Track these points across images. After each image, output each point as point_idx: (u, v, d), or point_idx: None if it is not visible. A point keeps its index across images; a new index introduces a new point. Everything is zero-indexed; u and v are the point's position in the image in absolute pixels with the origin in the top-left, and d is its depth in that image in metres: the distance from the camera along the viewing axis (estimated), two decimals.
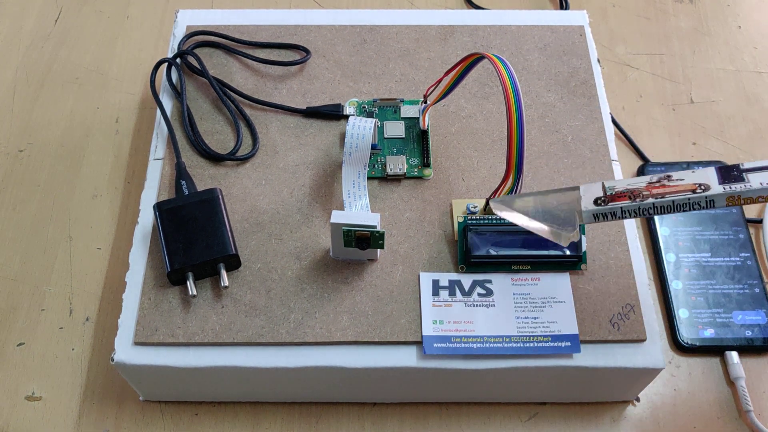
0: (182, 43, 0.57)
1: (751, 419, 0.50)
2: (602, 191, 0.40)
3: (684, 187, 0.38)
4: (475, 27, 0.59)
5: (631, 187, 0.40)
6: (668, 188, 0.39)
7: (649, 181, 0.39)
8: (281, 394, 0.50)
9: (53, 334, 0.53)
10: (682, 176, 0.39)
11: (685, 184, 0.38)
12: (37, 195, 0.60)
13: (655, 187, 0.39)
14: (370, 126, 0.49)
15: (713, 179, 0.38)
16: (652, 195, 0.39)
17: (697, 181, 0.38)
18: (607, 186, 0.41)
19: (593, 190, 0.41)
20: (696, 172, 0.39)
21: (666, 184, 0.39)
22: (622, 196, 0.39)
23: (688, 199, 0.38)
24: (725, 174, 0.38)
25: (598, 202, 0.40)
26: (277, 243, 0.49)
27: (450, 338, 0.45)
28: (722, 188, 0.37)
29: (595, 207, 0.40)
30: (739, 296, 0.54)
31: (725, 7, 0.73)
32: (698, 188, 0.38)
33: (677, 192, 0.38)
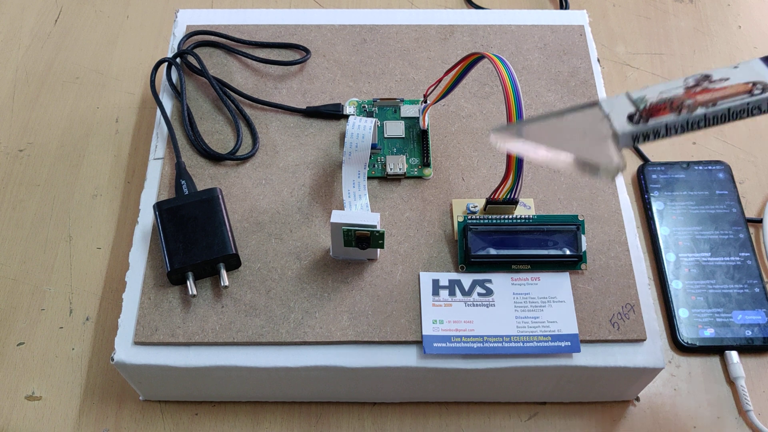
0: (182, 43, 0.57)
1: (751, 419, 0.50)
2: (632, 105, 0.33)
3: (736, 89, 0.32)
4: (475, 27, 0.59)
5: (667, 96, 0.33)
6: (716, 92, 0.32)
7: (686, 86, 0.33)
8: (281, 393, 0.50)
9: (53, 334, 0.53)
10: (726, 74, 0.32)
11: (736, 84, 0.32)
12: (37, 195, 0.60)
13: (697, 92, 0.32)
14: (370, 126, 0.49)
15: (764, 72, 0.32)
16: (699, 103, 0.32)
17: (748, 78, 0.32)
18: (635, 98, 0.34)
19: (620, 106, 0.34)
20: (739, 68, 0.32)
21: (710, 87, 0.32)
22: (662, 109, 0.33)
23: (747, 103, 0.31)
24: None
25: (634, 119, 0.33)
26: (277, 243, 0.49)
27: (450, 338, 0.45)
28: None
29: (634, 126, 0.33)
30: (739, 296, 0.54)
31: (725, 6, 0.73)
32: (754, 87, 0.31)
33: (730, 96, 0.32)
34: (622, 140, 0.33)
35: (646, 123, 0.32)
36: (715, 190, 0.59)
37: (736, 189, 0.59)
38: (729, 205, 0.58)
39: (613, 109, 0.34)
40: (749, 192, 0.60)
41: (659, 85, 0.34)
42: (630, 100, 0.34)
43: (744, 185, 0.60)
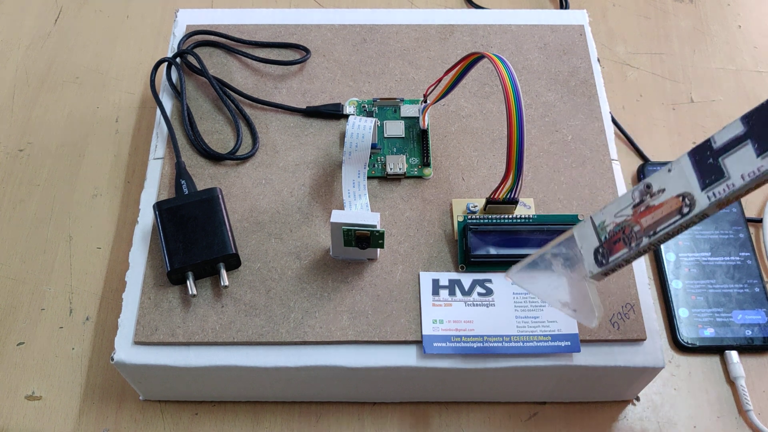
0: (182, 43, 0.57)
1: (751, 418, 0.50)
2: (596, 237, 0.39)
3: (670, 207, 0.37)
4: (475, 26, 0.59)
5: (620, 220, 0.38)
6: (655, 212, 0.37)
7: (634, 204, 0.38)
8: (281, 393, 0.50)
9: (53, 334, 0.53)
10: (662, 183, 0.37)
11: (670, 200, 0.37)
12: (37, 194, 0.60)
13: (642, 214, 0.38)
14: (370, 125, 0.49)
15: (693, 180, 0.36)
16: (644, 230, 0.37)
17: (678, 190, 0.36)
18: (597, 224, 0.39)
19: (588, 238, 0.40)
20: (672, 171, 0.37)
21: (651, 204, 0.37)
22: (618, 243, 0.38)
23: (680, 225, 0.36)
24: (702, 168, 0.36)
25: (599, 258, 0.39)
26: (277, 242, 0.49)
27: (450, 337, 0.45)
28: (707, 198, 0.35)
29: (600, 268, 0.39)
30: (739, 296, 0.54)
31: (725, 6, 0.73)
32: (683, 204, 0.36)
33: (665, 217, 0.37)
34: (596, 278, 0.40)
35: (608, 262, 0.39)
36: None
37: None
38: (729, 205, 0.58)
39: (583, 242, 0.40)
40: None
41: (614, 204, 0.39)
42: (594, 228, 0.40)
43: None
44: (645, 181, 0.38)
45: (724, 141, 0.35)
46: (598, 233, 0.39)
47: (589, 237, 0.40)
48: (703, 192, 0.36)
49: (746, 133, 0.34)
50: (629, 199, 0.38)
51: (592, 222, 0.40)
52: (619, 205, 0.39)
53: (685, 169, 0.36)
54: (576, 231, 0.41)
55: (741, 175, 0.34)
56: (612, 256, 0.39)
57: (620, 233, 0.38)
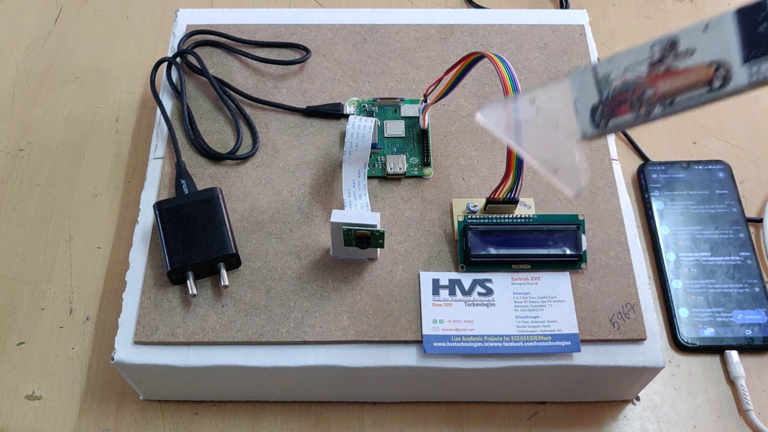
0: (182, 43, 0.57)
1: (751, 418, 0.50)
2: (596, 90, 0.33)
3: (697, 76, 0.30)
4: (475, 26, 0.59)
5: (630, 78, 0.32)
6: (677, 78, 0.31)
7: (651, 62, 0.31)
8: (281, 393, 0.50)
9: (53, 334, 0.53)
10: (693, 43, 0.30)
11: (698, 68, 0.30)
12: (37, 194, 0.60)
13: (659, 75, 0.31)
14: (370, 125, 0.49)
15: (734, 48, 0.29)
16: (658, 97, 0.31)
17: (713, 56, 0.29)
18: (600, 76, 0.33)
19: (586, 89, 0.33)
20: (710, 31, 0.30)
21: (673, 67, 0.31)
22: (623, 103, 0.32)
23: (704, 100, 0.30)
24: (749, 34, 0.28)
25: (596, 117, 0.33)
26: (277, 242, 0.49)
27: (450, 337, 0.45)
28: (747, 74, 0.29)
29: (596, 129, 0.33)
30: (739, 295, 0.54)
31: (725, 6, 0.73)
32: (716, 75, 0.29)
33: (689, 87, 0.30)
34: (584, 139, 0.34)
35: (606, 126, 0.33)
36: (716, 190, 0.59)
37: (736, 188, 0.59)
38: (729, 205, 0.58)
39: (580, 94, 0.34)
40: (749, 191, 0.60)
41: (626, 55, 0.33)
42: (596, 80, 0.33)
43: (744, 185, 0.60)
44: (670, 35, 0.31)
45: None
46: (601, 87, 0.33)
47: (588, 89, 0.34)
48: (744, 66, 0.29)
49: None
50: (646, 53, 0.32)
51: (594, 72, 0.34)
52: (631, 57, 0.33)
53: (727, 31, 0.30)
54: (571, 78, 0.35)
55: None
56: (614, 119, 0.33)
57: (628, 93, 0.32)
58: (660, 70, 0.31)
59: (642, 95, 0.32)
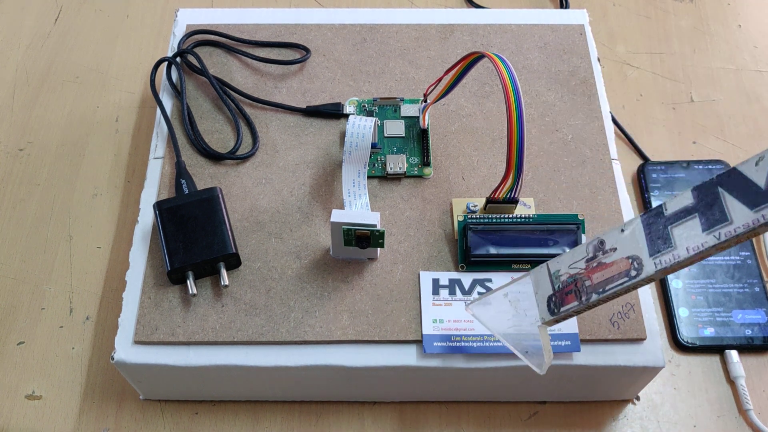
0: (182, 42, 0.57)
1: (751, 418, 0.50)
2: (551, 285, 0.41)
3: (619, 268, 0.38)
4: (475, 26, 0.59)
5: (573, 272, 0.40)
6: (606, 270, 0.38)
7: (587, 258, 0.39)
8: (281, 392, 0.50)
9: (53, 333, 0.53)
10: (615, 242, 0.38)
11: (619, 261, 0.38)
12: (37, 194, 0.60)
13: (594, 270, 0.39)
14: (370, 125, 0.49)
15: (642, 245, 0.37)
16: (594, 286, 0.38)
17: (629, 252, 0.37)
18: (553, 272, 0.41)
19: (544, 284, 0.41)
20: (626, 233, 0.38)
21: (602, 262, 0.38)
22: (570, 294, 0.39)
23: (627, 286, 0.37)
24: (652, 234, 0.37)
25: (551, 306, 0.40)
26: (277, 242, 0.49)
27: (450, 337, 0.45)
28: (654, 265, 0.36)
29: (552, 316, 0.40)
30: (739, 295, 0.54)
31: (725, 5, 0.73)
32: (632, 266, 0.37)
33: (614, 277, 0.38)
34: (547, 324, 0.41)
35: (559, 312, 0.40)
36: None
37: None
38: None
39: (539, 288, 0.41)
40: None
41: (568, 255, 0.40)
42: (549, 276, 0.41)
43: None
44: (599, 237, 0.39)
45: (675, 210, 0.36)
46: (553, 282, 0.41)
47: (545, 284, 0.41)
48: (650, 258, 0.37)
49: (695, 205, 0.35)
50: (583, 253, 0.39)
51: (548, 269, 0.41)
52: (573, 256, 0.40)
53: (637, 232, 0.37)
54: (533, 276, 0.42)
55: (686, 248, 0.35)
56: (563, 307, 0.40)
57: (572, 285, 0.40)
58: (594, 264, 0.39)
59: (582, 285, 0.39)
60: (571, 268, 0.40)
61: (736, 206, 0.34)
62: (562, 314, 0.40)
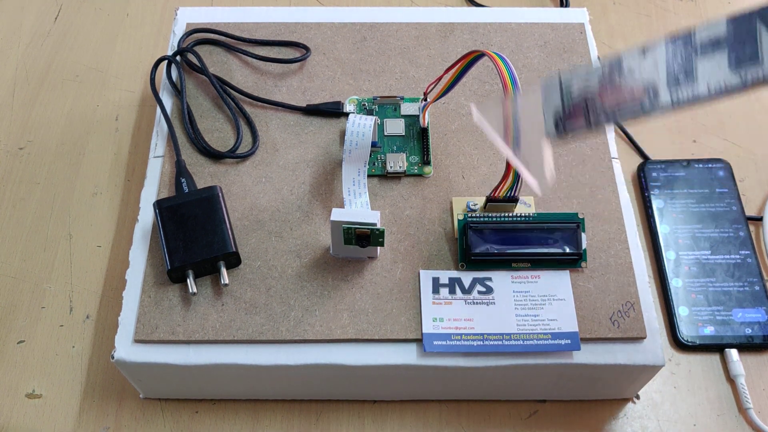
0: (182, 41, 0.57)
1: (751, 417, 0.50)
2: (560, 99, 0.38)
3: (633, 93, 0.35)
4: (475, 24, 0.59)
5: (587, 89, 0.37)
6: (619, 94, 0.36)
7: (601, 79, 0.37)
8: (281, 391, 0.50)
9: (53, 332, 0.53)
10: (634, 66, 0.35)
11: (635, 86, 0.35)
12: (37, 193, 0.60)
13: (606, 92, 0.36)
14: (370, 124, 0.49)
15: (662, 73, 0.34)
16: (605, 108, 0.36)
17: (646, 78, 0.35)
18: (564, 86, 0.38)
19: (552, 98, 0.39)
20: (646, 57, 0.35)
21: (617, 84, 0.36)
22: (579, 114, 0.37)
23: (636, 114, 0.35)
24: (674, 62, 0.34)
25: (558, 123, 0.38)
26: (277, 241, 0.49)
27: (450, 336, 0.45)
28: (669, 97, 0.34)
29: (558, 134, 0.39)
30: (739, 294, 0.54)
31: (726, 4, 0.73)
32: (646, 95, 0.35)
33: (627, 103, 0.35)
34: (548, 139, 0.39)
35: (565, 131, 0.38)
36: (716, 188, 0.59)
37: (736, 187, 0.59)
38: (729, 203, 0.58)
39: (547, 101, 0.39)
40: (749, 190, 0.60)
41: (583, 70, 0.38)
42: (560, 89, 0.38)
43: (744, 183, 0.60)
44: (619, 56, 0.36)
45: (705, 39, 0.33)
46: (563, 95, 0.38)
47: (554, 96, 0.39)
48: (667, 89, 0.34)
49: (727, 36, 0.32)
50: (599, 71, 0.37)
51: (560, 79, 0.39)
52: (588, 71, 0.38)
53: (659, 58, 0.35)
54: (543, 83, 0.39)
55: (707, 84, 0.33)
56: (570, 126, 0.38)
57: (582, 104, 0.37)
58: (608, 85, 0.37)
59: (593, 105, 0.37)
60: (584, 85, 0.38)
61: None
62: (569, 133, 0.38)
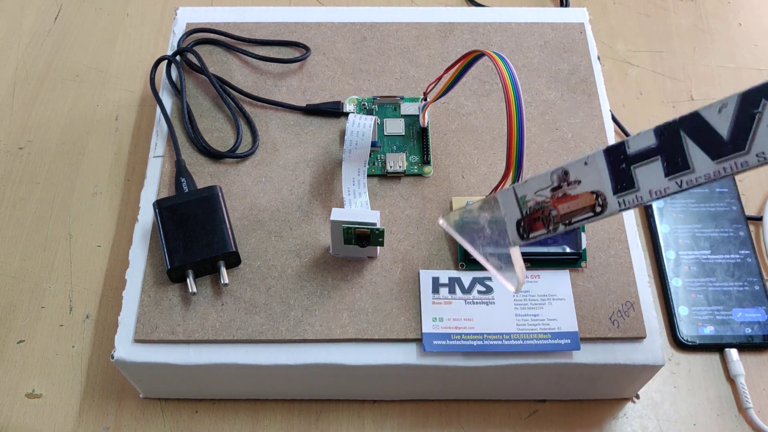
0: (182, 41, 0.57)
1: (751, 416, 0.50)
2: (518, 209, 0.40)
3: (584, 202, 0.37)
4: (475, 24, 0.59)
5: (539, 199, 0.39)
6: (571, 202, 0.38)
7: (552, 187, 0.38)
8: (281, 391, 0.50)
9: (53, 332, 0.53)
10: (579, 174, 0.37)
11: (584, 195, 0.37)
12: (37, 192, 0.60)
13: (559, 200, 0.38)
14: (370, 123, 0.49)
15: (606, 181, 0.36)
16: (560, 217, 0.38)
17: (593, 186, 0.37)
18: (519, 197, 0.40)
19: (511, 207, 0.41)
20: (589, 166, 0.37)
21: (567, 193, 0.38)
22: (537, 221, 0.39)
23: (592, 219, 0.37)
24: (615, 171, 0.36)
25: (520, 230, 0.40)
26: (277, 240, 0.49)
27: (450, 335, 0.45)
28: (618, 204, 0.36)
29: (522, 240, 0.40)
30: (738, 294, 0.54)
31: (725, 4, 0.73)
32: (597, 203, 0.37)
33: (579, 210, 0.37)
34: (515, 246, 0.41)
35: (529, 237, 0.40)
36: (715, 188, 0.59)
37: (736, 187, 0.59)
38: (729, 203, 0.58)
39: (507, 211, 0.41)
40: (749, 190, 0.60)
41: (535, 181, 0.39)
42: (516, 201, 0.40)
43: (744, 183, 0.60)
44: (563, 166, 0.38)
45: (637, 149, 0.35)
46: (520, 206, 0.40)
47: (512, 207, 0.41)
48: (614, 197, 0.36)
49: (657, 147, 0.34)
50: (548, 181, 0.39)
51: (514, 193, 0.40)
52: (539, 183, 0.39)
53: (600, 167, 0.36)
54: (500, 197, 0.41)
55: (649, 191, 0.35)
56: (532, 233, 0.40)
57: (539, 213, 0.39)
58: (559, 194, 0.38)
59: (549, 215, 0.39)
60: (537, 195, 0.39)
61: (699, 155, 0.33)
62: (531, 240, 0.40)
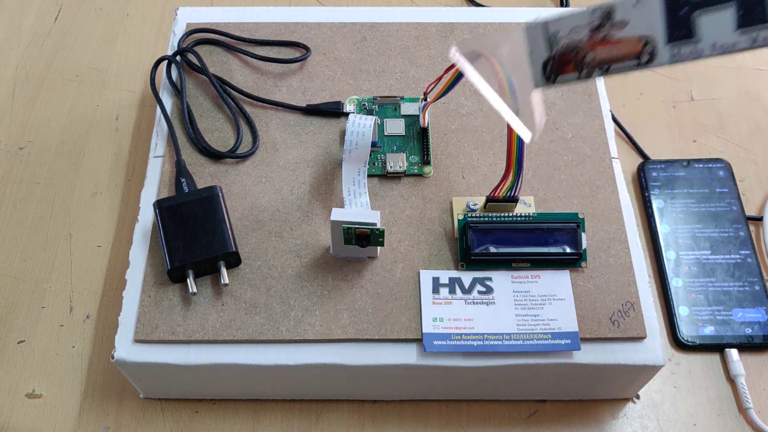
0: (182, 41, 0.57)
1: (751, 416, 0.50)
2: (546, 47, 0.36)
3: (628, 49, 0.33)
4: (475, 24, 0.59)
5: (575, 38, 0.35)
6: (613, 46, 0.33)
7: (592, 27, 0.34)
8: (281, 391, 0.50)
9: (53, 332, 0.53)
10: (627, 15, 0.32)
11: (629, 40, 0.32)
12: (37, 192, 0.60)
13: (599, 43, 0.34)
14: (370, 123, 0.49)
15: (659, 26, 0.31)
16: (597, 62, 0.34)
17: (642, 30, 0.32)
18: (551, 32, 0.35)
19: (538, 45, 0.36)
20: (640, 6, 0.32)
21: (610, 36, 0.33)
22: (569, 64, 0.35)
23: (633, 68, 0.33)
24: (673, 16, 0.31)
25: (547, 71, 0.36)
26: (277, 240, 0.49)
27: (450, 336, 0.45)
28: (669, 54, 0.31)
29: (547, 83, 0.37)
30: (739, 294, 0.54)
31: None
32: (644, 50, 0.32)
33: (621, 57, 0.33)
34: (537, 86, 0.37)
35: (556, 80, 0.36)
36: (716, 188, 0.59)
37: (736, 187, 0.59)
38: (729, 203, 0.58)
39: (533, 48, 0.36)
40: (749, 190, 0.60)
41: (571, 16, 0.35)
42: (546, 36, 0.36)
43: (744, 183, 0.60)
44: (609, 4, 0.34)
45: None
46: (551, 44, 0.36)
47: (539, 44, 0.36)
48: (667, 45, 0.32)
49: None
50: (588, 18, 0.34)
51: (544, 30, 0.36)
52: (576, 19, 0.35)
53: (654, 9, 0.32)
54: (527, 32, 0.37)
55: (712, 44, 0.30)
56: (561, 76, 0.36)
57: (572, 54, 0.35)
58: (599, 36, 0.34)
59: (584, 58, 0.35)
60: (572, 33, 0.35)
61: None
62: (559, 83, 0.36)
